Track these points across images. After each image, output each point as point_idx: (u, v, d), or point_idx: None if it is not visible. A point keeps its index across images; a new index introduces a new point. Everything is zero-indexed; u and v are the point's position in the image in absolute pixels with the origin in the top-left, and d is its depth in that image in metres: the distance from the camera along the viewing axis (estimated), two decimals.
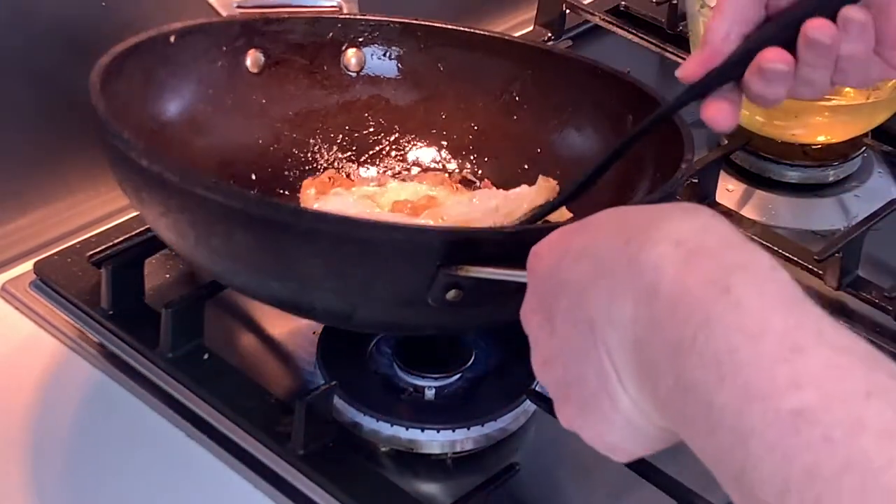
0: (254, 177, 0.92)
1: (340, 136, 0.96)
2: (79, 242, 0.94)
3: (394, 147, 0.97)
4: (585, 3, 1.24)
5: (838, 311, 0.93)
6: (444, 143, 0.96)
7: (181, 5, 1.01)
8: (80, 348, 0.87)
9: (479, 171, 0.96)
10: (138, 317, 0.88)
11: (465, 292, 0.70)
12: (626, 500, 0.80)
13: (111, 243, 0.92)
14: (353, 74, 0.96)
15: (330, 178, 0.93)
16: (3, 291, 0.92)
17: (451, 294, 0.70)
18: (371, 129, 0.97)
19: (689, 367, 0.49)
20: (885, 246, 0.99)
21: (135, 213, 0.96)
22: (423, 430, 0.81)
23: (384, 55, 0.96)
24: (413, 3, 1.16)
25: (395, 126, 0.97)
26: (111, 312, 0.88)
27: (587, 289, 0.55)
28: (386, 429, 0.81)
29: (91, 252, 0.92)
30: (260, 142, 0.94)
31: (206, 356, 0.85)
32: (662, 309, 0.51)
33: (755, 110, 1.05)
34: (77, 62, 0.97)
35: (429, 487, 0.80)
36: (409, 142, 0.97)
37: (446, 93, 0.97)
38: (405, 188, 0.92)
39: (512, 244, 0.69)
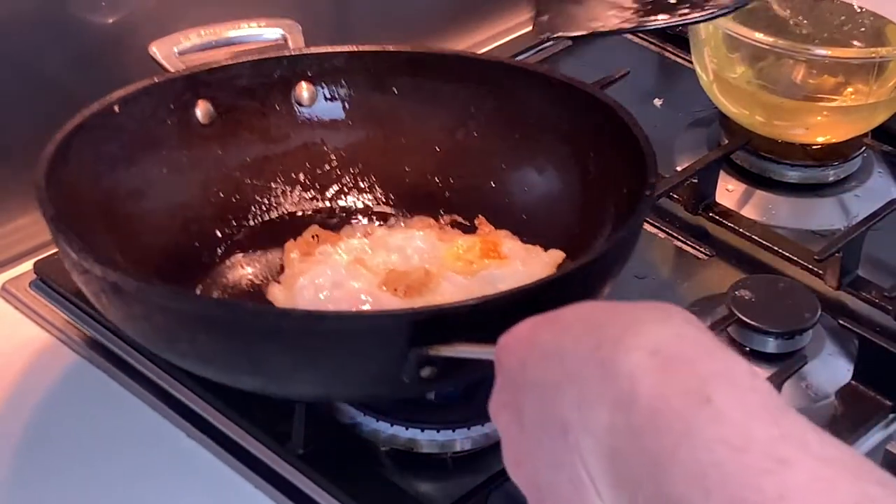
0: (219, 233, 0.90)
1: (301, 175, 0.94)
2: None
3: (358, 178, 0.94)
4: None
5: (838, 311, 0.93)
6: (408, 168, 0.94)
7: (181, 7, 1.01)
8: (80, 348, 0.87)
9: (447, 195, 0.93)
10: None
11: (440, 368, 0.69)
12: None
13: None
14: (307, 110, 0.94)
15: (314, 237, 0.89)
16: (3, 291, 0.92)
17: (425, 372, 0.70)
18: (333, 164, 0.94)
19: (670, 479, 0.49)
20: (885, 246, 0.99)
21: None
22: (422, 430, 0.81)
23: (335, 86, 0.94)
24: (412, 5, 1.17)
25: (357, 156, 0.94)
26: None
27: (556, 391, 0.55)
28: (386, 429, 0.81)
29: None
30: (221, 195, 0.91)
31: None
32: (640, 419, 0.50)
33: (755, 110, 1.05)
34: (77, 62, 0.98)
35: (428, 487, 0.80)
36: (372, 170, 0.94)
37: (403, 117, 0.94)
38: (394, 239, 0.88)
39: (481, 315, 0.69)
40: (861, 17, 1.09)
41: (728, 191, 1.06)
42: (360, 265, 0.85)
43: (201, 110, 0.91)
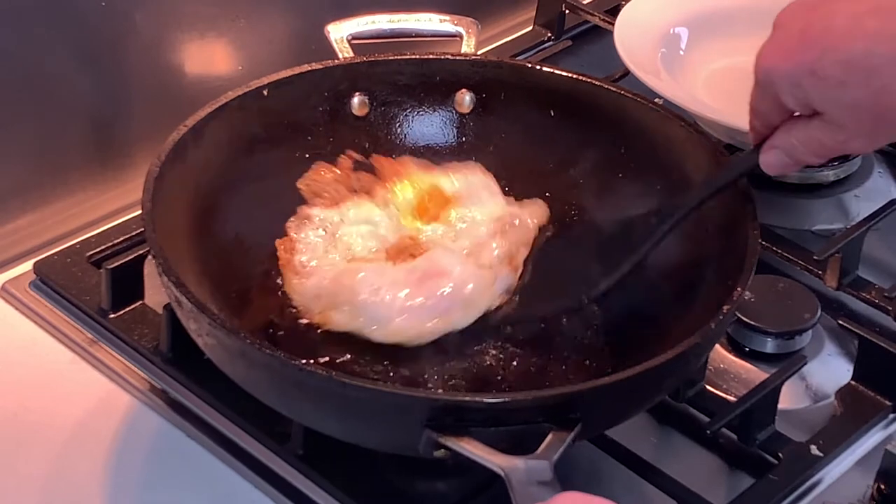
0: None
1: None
2: (79, 242, 0.94)
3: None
4: (585, 3, 1.24)
5: (838, 311, 0.93)
6: (548, 193, 0.92)
7: (181, 7, 1.01)
8: (79, 348, 0.87)
9: (576, 217, 0.91)
10: (138, 317, 0.88)
11: (453, 452, 0.69)
12: (627, 501, 0.80)
13: (111, 243, 0.93)
14: (465, 114, 0.93)
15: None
16: (3, 291, 0.92)
17: (439, 453, 0.69)
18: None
19: None
20: (885, 246, 0.99)
21: (135, 213, 0.96)
22: None
23: (495, 97, 0.93)
24: (412, 4, 1.17)
25: (503, 168, 0.93)
26: (111, 312, 0.88)
27: None
28: None
29: (91, 252, 0.92)
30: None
31: (206, 356, 0.85)
32: None
33: None
34: (76, 62, 0.98)
35: (429, 487, 0.80)
36: (513, 186, 0.92)
37: (556, 138, 0.92)
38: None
39: (498, 411, 0.69)
40: None
41: None
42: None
43: (357, 100, 0.91)
